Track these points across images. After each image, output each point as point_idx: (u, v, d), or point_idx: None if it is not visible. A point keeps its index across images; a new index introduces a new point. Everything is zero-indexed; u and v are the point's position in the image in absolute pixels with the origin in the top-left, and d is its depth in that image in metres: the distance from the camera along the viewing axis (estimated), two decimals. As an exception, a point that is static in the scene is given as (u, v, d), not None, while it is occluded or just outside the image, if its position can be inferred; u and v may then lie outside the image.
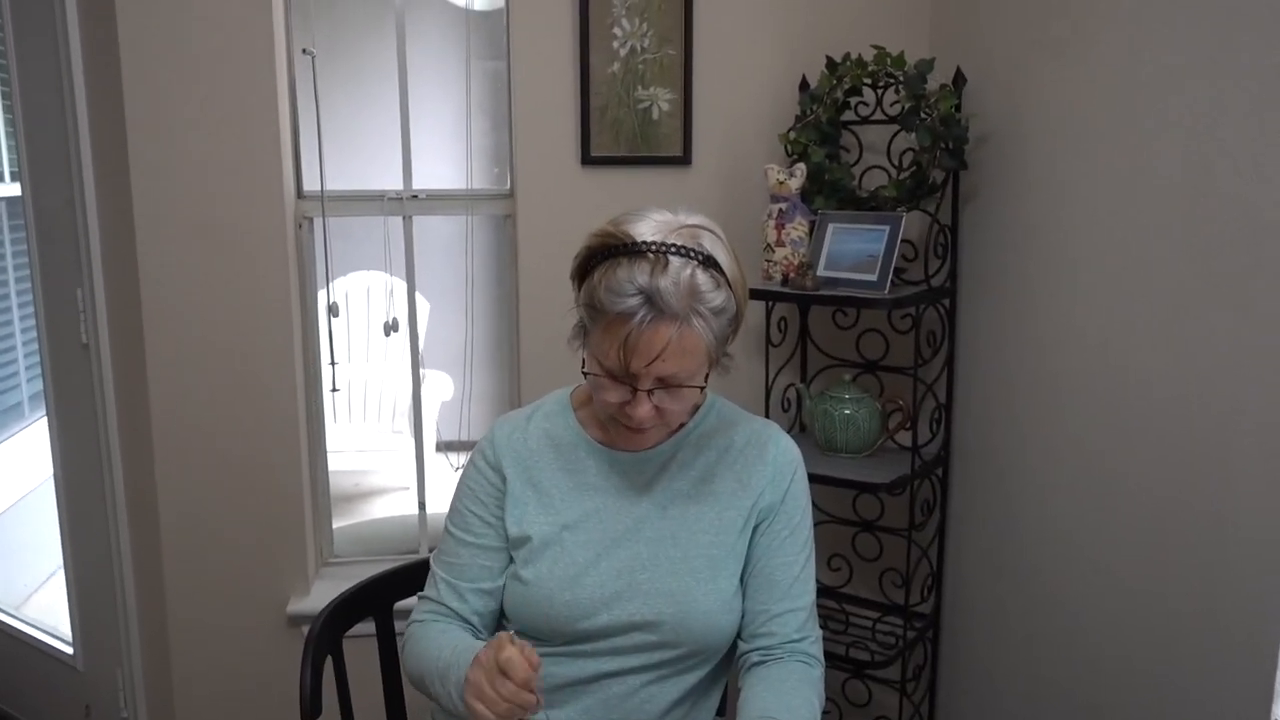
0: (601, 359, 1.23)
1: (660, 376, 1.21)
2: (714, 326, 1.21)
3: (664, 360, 1.19)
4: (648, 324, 1.17)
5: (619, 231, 1.21)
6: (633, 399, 1.23)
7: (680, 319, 1.18)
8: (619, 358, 1.19)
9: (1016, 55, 1.98)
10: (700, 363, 1.23)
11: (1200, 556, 1.53)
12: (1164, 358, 1.59)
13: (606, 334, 1.20)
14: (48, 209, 2.35)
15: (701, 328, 1.19)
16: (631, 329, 1.17)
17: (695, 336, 1.19)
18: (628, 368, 1.20)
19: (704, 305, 1.19)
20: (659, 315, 1.17)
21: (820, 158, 2.17)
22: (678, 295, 1.17)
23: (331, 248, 2.38)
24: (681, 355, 1.19)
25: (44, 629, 2.72)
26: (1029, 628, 1.99)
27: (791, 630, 1.34)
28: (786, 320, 2.38)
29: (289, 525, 2.33)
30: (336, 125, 2.42)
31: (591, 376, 1.26)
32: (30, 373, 3.31)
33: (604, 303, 1.18)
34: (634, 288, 1.16)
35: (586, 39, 2.24)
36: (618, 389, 1.23)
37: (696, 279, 1.18)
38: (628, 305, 1.17)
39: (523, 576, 1.34)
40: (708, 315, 1.19)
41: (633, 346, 1.18)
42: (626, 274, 1.17)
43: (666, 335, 1.17)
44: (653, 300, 1.16)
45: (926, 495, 2.29)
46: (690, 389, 1.24)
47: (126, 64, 2.11)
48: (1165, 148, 1.57)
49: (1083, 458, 1.81)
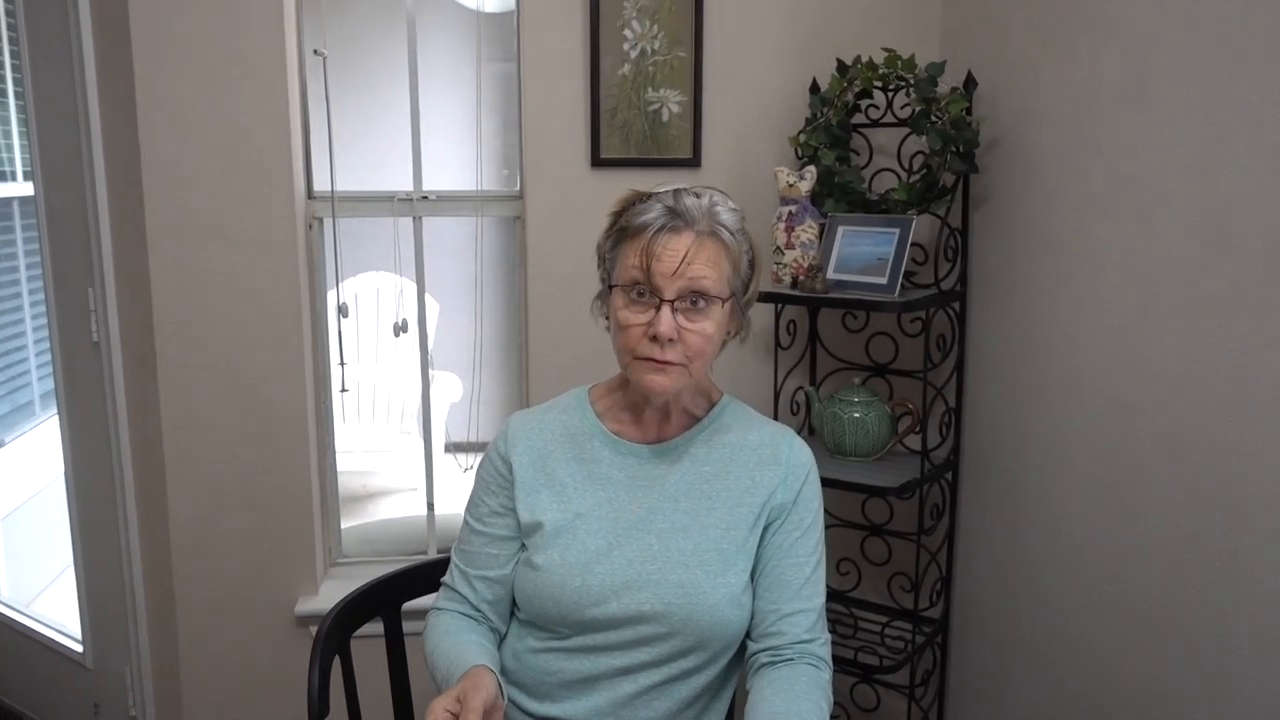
0: (625, 276, 1.30)
1: (682, 287, 1.27)
2: (734, 244, 1.32)
3: (689, 264, 1.27)
4: (669, 230, 1.28)
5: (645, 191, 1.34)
6: (657, 315, 1.27)
7: (701, 231, 1.29)
8: (642, 263, 1.27)
9: (1028, 59, 1.98)
10: (721, 279, 1.30)
11: (1213, 563, 1.52)
12: (1176, 362, 1.58)
13: (632, 248, 1.29)
14: (60, 208, 2.36)
15: (724, 237, 1.30)
16: (654, 235, 1.27)
17: (717, 247, 1.30)
18: (650, 272, 1.26)
19: (722, 220, 1.31)
20: (682, 224, 1.28)
21: (830, 160, 2.16)
22: (699, 210, 1.29)
23: (341, 248, 2.39)
24: (703, 263, 1.28)
25: (53, 626, 2.73)
26: (1039, 633, 1.99)
27: (801, 631, 1.34)
28: (796, 323, 2.37)
29: (298, 525, 2.34)
30: (347, 126, 2.43)
31: (616, 302, 1.32)
32: (41, 371, 3.32)
33: (631, 222, 1.30)
34: (660, 206, 1.29)
35: (597, 41, 2.24)
36: (642, 309, 1.29)
37: (715, 200, 1.32)
38: (651, 216, 1.28)
39: (534, 562, 1.37)
40: (728, 229, 1.31)
41: (655, 251, 1.27)
42: (652, 201, 1.31)
43: (688, 241, 1.28)
44: (676, 212, 1.28)
45: (936, 499, 2.29)
46: (712, 307, 1.29)
47: (139, 64, 2.12)
48: (1178, 152, 1.56)
49: (1094, 462, 1.80)
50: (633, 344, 1.30)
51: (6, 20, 2.74)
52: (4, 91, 2.88)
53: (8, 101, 2.91)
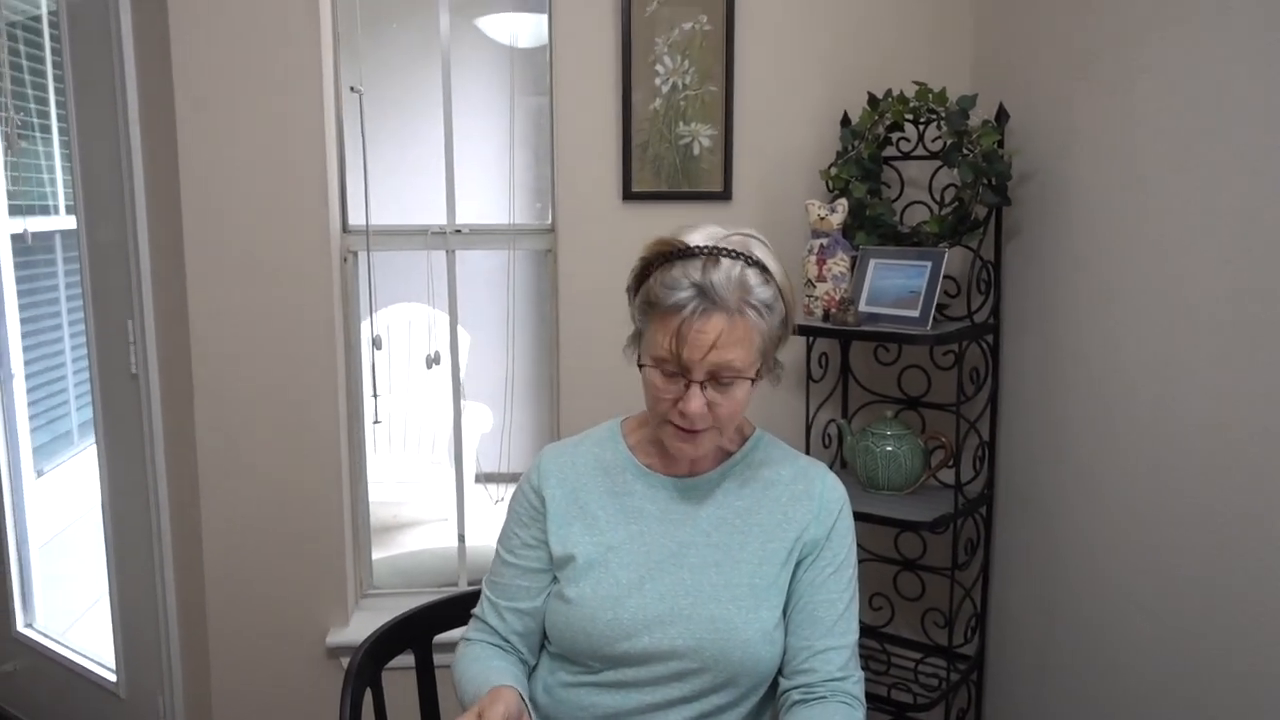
0: (655, 351, 1.27)
1: (712, 368, 1.25)
2: (764, 320, 1.27)
3: (717, 349, 1.24)
4: (700, 314, 1.23)
5: (673, 239, 1.29)
6: (686, 393, 1.26)
7: (733, 311, 1.24)
8: (672, 347, 1.24)
9: (1060, 91, 1.98)
10: (751, 356, 1.27)
11: (1255, 599, 1.49)
12: (1214, 396, 1.56)
13: (661, 326, 1.26)
14: (101, 242, 2.40)
15: (753, 318, 1.25)
16: (685, 319, 1.23)
17: (746, 326, 1.25)
18: (680, 357, 1.24)
19: (754, 298, 1.25)
20: (711, 306, 1.23)
21: (862, 193, 2.17)
22: (729, 288, 1.23)
23: (375, 281, 2.41)
24: (733, 345, 1.24)
25: (87, 655, 2.75)
26: (1077, 672, 1.95)
27: (834, 668, 1.32)
28: (827, 356, 2.37)
29: (330, 556, 2.35)
30: (382, 161, 2.46)
31: (646, 371, 1.30)
32: (80, 401, 3.37)
33: (659, 297, 1.25)
34: (688, 282, 1.24)
35: (629, 76, 2.26)
36: (671, 385, 1.28)
37: (746, 275, 1.25)
38: (681, 297, 1.23)
39: (566, 595, 1.36)
40: (758, 307, 1.26)
41: (685, 335, 1.23)
42: (680, 271, 1.25)
43: (719, 325, 1.23)
44: (705, 292, 1.23)
45: (970, 534, 2.26)
46: (741, 383, 1.28)
47: (180, 101, 2.16)
48: (1216, 183, 1.55)
49: (1132, 497, 1.77)
50: (662, 410, 1.30)
51: (53, 59, 2.81)
52: (48, 128, 2.95)
53: (52, 137, 2.98)
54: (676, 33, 2.26)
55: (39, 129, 2.94)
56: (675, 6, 2.25)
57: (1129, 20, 1.75)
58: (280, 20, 2.17)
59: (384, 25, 4.02)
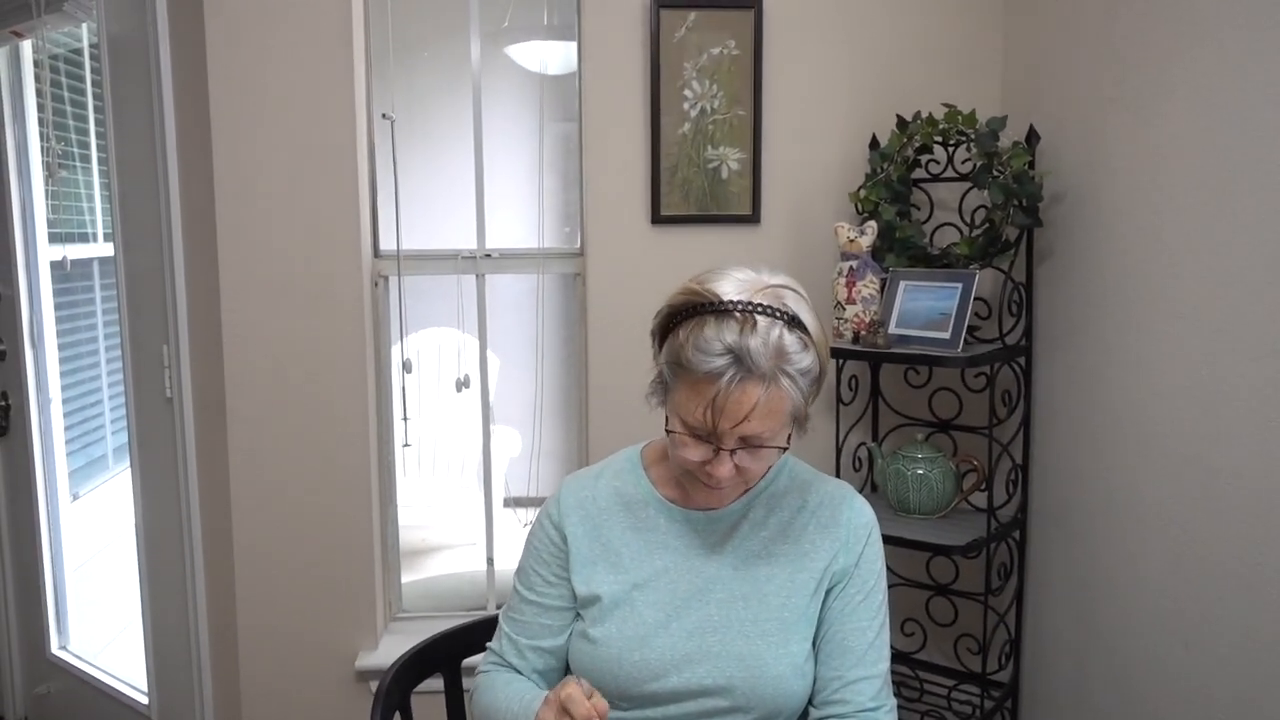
0: (686, 417, 1.22)
1: (744, 436, 1.21)
2: (801, 386, 1.20)
3: (750, 420, 1.18)
4: (736, 384, 1.16)
5: (704, 290, 1.21)
6: (715, 458, 1.23)
7: (768, 379, 1.17)
8: (705, 418, 1.19)
9: (1091, 112, 1.96)
10: (784, 423, 1.22)
11: (1298, 628, 1.46)
12: (1250, 420, 1.54)
13: (693, 393, 1.20)
14: (138, 269, 2.44)
15: (789, 387, 1.19)
16: (720, 388, 1.17)
17: (783, 396, 1.19)
18: (714, 427, 1.19)
19: (791, 366, 1.19)
20: (748, 375, 1.17)
21: (891, 215, 2.16)
22: (766, 355, 1.16)
23: (406, 305, 2.43)
24: (768, 416, 1.19)
25: (119, 678, 2.76)
26: (1114, 699, 1.91)
27: (866, 699, 1.30)
28: (857, 378, 2.35)
29: (359, 579, 2.36)
30: (413, 186, 2.49)
31: (674, 435, 1.25)
32: (115, 425, 3.41)
33: (692, 361, 1.18)
34: (722, 346, 1.16)
35: (657, 101, 2.27)
36: (700, 448, 1.23)
37: (784, 340, 1.18)
38: (716, 365, 1.16)
39: (591, 635, 1.34)
40: (795, 375, 1.19)
41: (720, 406, 1.17)
42: (714, 332, 1.17)
43: (755, 395, 1.17)
44: (741, 360, 1.16)
45: (1003, 558, 2.23)
46: (772, 449, 1.24)
47: (216, 132, 2.20)
48: (1249, 204, 1.53)
49: (1168, 521, 1.74)
50: (689, 467, 1.27)
51: (93, 90, 2.86)
52: (88, 157, 3.01)
53: (91, 167, 3.04)
54: (705, 57, 2.27)
55: (79, 158, 3.00)
56: (704, 32, 2.26)
57: (1158, 41, 1.74)
58: (314, 49, 2.21)
59: (415, 53, 4.07)
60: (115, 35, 2.39)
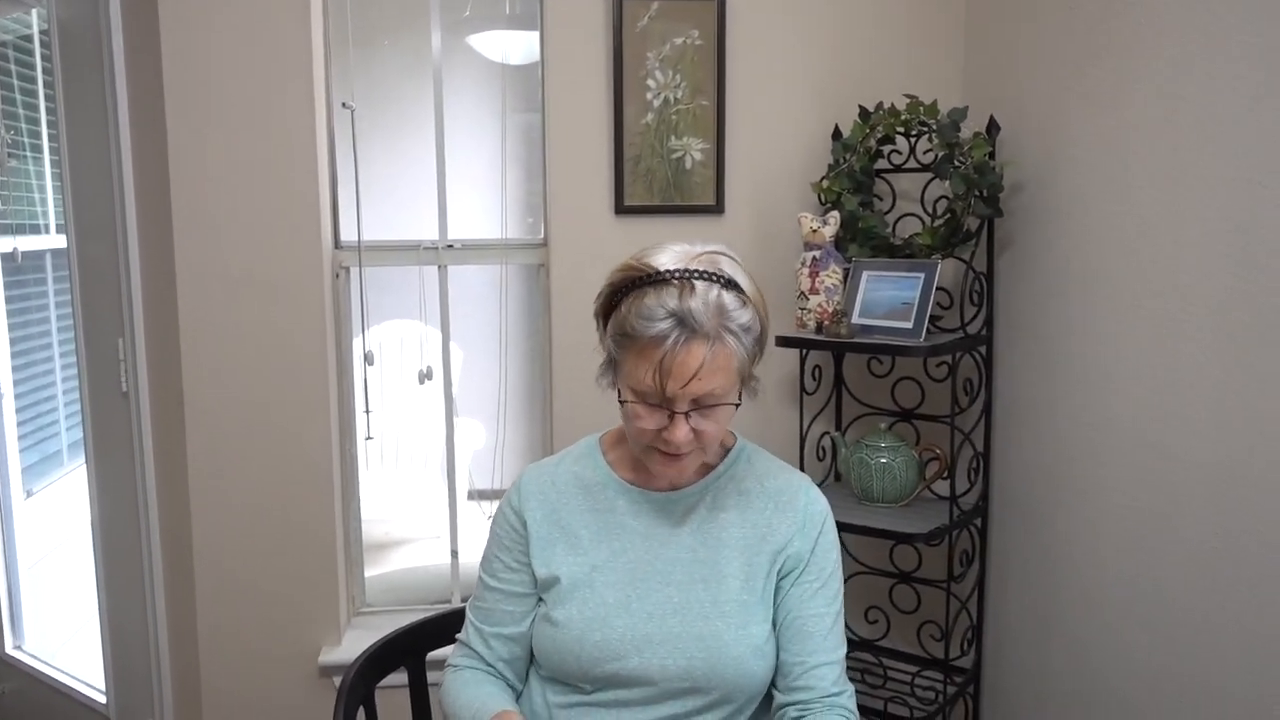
0: (635, 385, 1.25)
1: (696, 397, 1.23)
2: (744, 343, 1.24)
3: (700, 379, 1.21)
4: (681, 345, 1.20)
5: (641, 264, 1.25)
6: (670, 423, 1.25)
7: (712, 337, 1.21)
8: (655, 381, 1.21)
9: (1051, 103, 1.98)
10: (733, 380, 1.25)
11: (1254, 611, 1.49)
12: (1208, 406, 1.56)
13: (641, 359, 1.23)
14: (91, 260, 2.39)
15: (734, 343, 1.23)
16: (666, 350, 1.20)
17: (729, 353, 1.22)
18: (664, 390, 1.22)
19: (733, 322, 1.22)
20: (692, 335, 1.20)
21: (854, 205, 2.17)
22: (708, 314, 1.20)
23: (367, 297, 2.41)
24: (716, 373, 1.22)
25: (77, 677, 2.72)
26: (1073, 683, 1.94)
27: (829, 684, 1.31)
28: (821, 368, 2.36)
29: (321, 574, 2.33)
30: (374, 176, 2.46)
31: (627, 406, 1.27)
32: (69, 421, 3.35)
33: (636, 329, 1.21)
34: (665, 311, 1.20)
35: (620, 91, 2.26)
36: (655, 415, 1.25)
37: (723, 299, 1.22)
38: (661, 329, 1.20)
39: (553, 618, 1.34)
40: (738, 331, 1.23)
41: (668, 368, 1.20)
42: (655, 300, 1.21)
43: (700, 354, 1.20)
44: (685, 321, 1.20)
45: (965, 546, 2.25)
46: (725, 407, 1.26)
47: (171, 119, 2.16)
48: (1206, 194, 1.56)
49: (1126, 507, 1.77)
50: (646, 439, 1.28)
51: (44, 78, 2.80)
52: (39, 146, 2.95)
53: (43, 156, 2.98)
54: (668, 47, 2.26)
55: (29, 148, 2.94)
56: (666, 21, 2.25)
57: (1119, 31, 1.76)
58: (271, 36, 2.17)
59: (375, 42, 4.02)
60: (66, 21, 2.34)
